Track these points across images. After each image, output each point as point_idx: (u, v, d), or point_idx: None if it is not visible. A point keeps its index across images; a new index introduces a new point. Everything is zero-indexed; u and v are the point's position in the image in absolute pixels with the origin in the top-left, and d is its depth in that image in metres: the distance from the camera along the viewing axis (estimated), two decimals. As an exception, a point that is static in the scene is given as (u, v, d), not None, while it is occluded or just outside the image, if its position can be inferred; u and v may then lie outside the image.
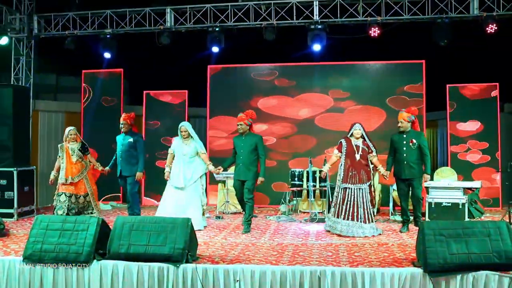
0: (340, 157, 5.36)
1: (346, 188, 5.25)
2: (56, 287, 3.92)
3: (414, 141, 5.39)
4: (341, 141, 5.42)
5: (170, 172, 5.66)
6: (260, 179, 5.46)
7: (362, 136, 5.35)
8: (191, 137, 5.67)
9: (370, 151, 5.34)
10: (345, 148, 5.33)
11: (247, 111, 5.66)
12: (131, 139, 5.89)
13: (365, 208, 5.21)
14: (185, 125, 5.68)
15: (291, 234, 5.34)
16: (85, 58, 8.27)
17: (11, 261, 4.04)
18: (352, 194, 5.21)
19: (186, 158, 5.60)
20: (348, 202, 5.21)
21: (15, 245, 4.74)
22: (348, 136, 5.41)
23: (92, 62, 8.22)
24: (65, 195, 5.85)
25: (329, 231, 5.33)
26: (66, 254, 3.93)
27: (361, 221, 5.16)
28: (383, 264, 3.93)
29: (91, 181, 6.04)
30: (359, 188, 5.22)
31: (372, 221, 5.27)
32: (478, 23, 6.89)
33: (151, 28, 7.56)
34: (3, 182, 6.45)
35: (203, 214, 5.76)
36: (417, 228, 5.15)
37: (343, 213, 5.21)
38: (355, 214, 5.16)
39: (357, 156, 5.25)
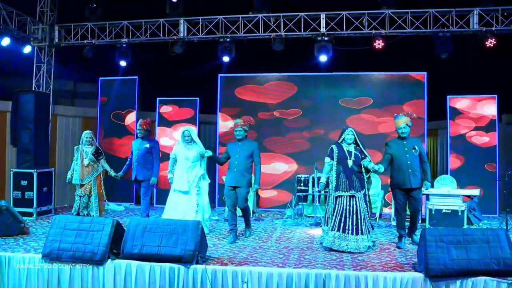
0: (333, 165, 4.87)
1: (338, 196, 4.80)
2: (73, 284, 4.05)
3: (416, 147, 4.96)
4: (332, 147, 4.94)
5: (172, 177, 5.56)
6: (255, 187, 5.24)
7: (354, 142, 4.91)
8: (194, 141, 5.58)
9: (363, 156, 4.87)
10: (336, 154, 4.86)
11: (245, 117, 5.44)
12: (147, 145, 5.95)
13: (359, 218, 4.71)
14: (189, 130, 5.58)
15: (297, 238, 5.42)
16: (102, 66, 8.49)
17: (30, 258, 4.20)
18: (344, 203, 4.74)
19: (188, 162, 5.49)
20: (341, 212, 4.74)
21: (34, 243, 4.90)
22: (339, 141, 4.94)
23: (108, 69, 8.46)
24: (78, 195, 6.00)
25: (331, 248, 4.73)
26: (82, 253, 4.06)
27: (354, 234, 4.66)
28: (385, 268, 4.01)
29: (98, 185, 6.07)
30: (352, 196, 4.74)
31: (369, 233, 4.79)
32: (478, 37, 7.07)
33: (165, 38, 7.81)
34: (24, 182, 6.62)
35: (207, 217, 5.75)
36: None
37: (337, 225, 4.73)
38: (348, 225, 4.69)
39: (350, 162, 4.79)
